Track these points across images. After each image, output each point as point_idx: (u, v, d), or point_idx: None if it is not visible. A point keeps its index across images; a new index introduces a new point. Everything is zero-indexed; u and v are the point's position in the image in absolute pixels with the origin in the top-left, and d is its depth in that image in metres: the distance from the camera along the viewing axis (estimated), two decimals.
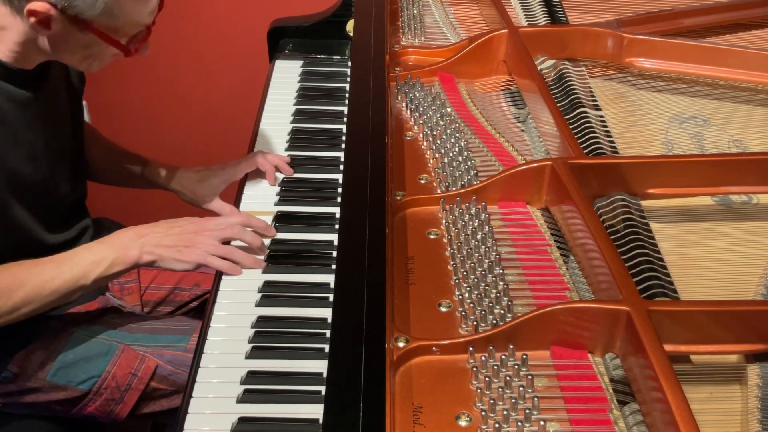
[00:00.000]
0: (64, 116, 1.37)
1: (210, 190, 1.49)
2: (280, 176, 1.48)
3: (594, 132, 1.33)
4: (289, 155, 1.51)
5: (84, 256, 1.22)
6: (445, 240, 1.18)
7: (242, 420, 1.01)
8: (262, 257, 1.27)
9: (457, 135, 1.39)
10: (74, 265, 1.20)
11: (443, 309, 1.06)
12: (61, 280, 1.19)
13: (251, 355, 1.10)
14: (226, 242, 1.26)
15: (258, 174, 1.48)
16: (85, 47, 1.18)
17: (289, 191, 1.44)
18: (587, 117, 1.37)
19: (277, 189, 1.45)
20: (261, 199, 1.43)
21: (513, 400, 0.90)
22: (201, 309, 1.60)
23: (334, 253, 1.25)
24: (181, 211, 1.55)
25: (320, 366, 1.05)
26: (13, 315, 1.18)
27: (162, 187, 1.55)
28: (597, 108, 1.42)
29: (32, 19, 1.11)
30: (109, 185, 1.63)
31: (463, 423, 0.90)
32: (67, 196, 1.38)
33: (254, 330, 1.14)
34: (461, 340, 0.98)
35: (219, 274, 1.25)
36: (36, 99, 1.25)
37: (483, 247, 1.13)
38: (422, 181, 1.31)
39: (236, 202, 1.43)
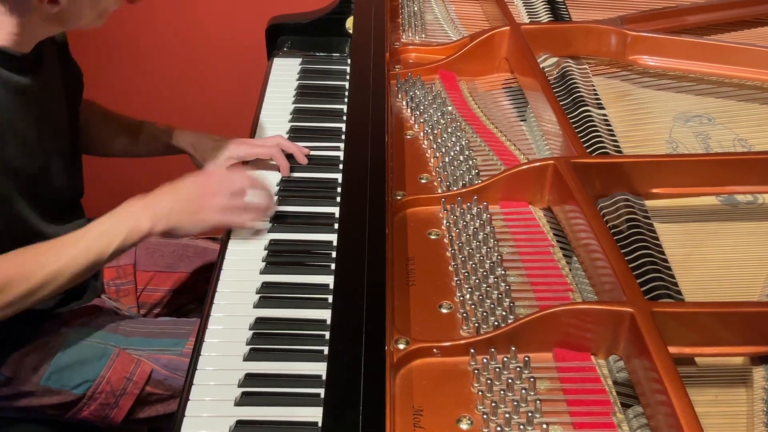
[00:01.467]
0: (60, 106, 1.35)
1: (217, 161, 1.48)
2: (280, 176, 1.46)
3: (597, 131, 1.32)
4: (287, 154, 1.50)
5: (96, 235, 1.20)
6: (446, 240, 1.17)
7: (240, 423, 1.00)
8: (273, 210, 1.32)
9: (458, 134, 1.37)
10: (89, 246, 1.19)
11: (444, 310, 1.05)
12: (77, 263, 1.18)
13: (249, 357, 1.09)
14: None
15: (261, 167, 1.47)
16: (92, 3, 1.18)
17: (288, 191, 1.43)
18: (590, 115, 1.36)
19: (276, 189, 1.43)
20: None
21: (515, 403, 0.89)
22: (198, 311, 1.59)
23: (334, 254, 1.24)
24: None
25: (319, 368, 1.05)
26: (30, 300, 1.17)
27: (178, 149, 1.54)
28: (600, 106, 1.41)
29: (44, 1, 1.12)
30: (125, 157, 1.62)
31: (464, 426, 0.89)
32: (63, 191, 1.36)
33: (252, 332, 1.13)
34: (462, 342, 0.97)
35: (216, 276, 1.23)
36: (32, 85, 1.23)
37: (484, 247, 1.12)
38: (423, 181, 1.29)
39: None
